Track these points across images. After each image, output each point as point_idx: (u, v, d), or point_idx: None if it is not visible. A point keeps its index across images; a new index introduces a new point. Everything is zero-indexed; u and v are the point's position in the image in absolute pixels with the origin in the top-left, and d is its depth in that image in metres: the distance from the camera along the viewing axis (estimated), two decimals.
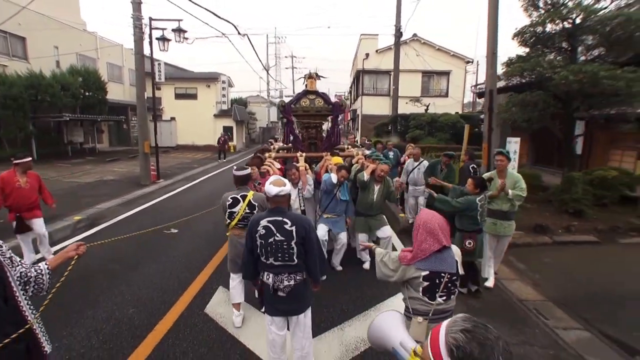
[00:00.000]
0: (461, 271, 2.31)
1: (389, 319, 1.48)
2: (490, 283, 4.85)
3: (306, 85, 6.35)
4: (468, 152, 7.05)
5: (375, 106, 24.23)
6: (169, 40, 12.68)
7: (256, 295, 3.91)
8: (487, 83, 7.15)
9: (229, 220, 3.74)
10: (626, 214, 7.29)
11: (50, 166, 15.05)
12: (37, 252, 5.39)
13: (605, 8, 7.35)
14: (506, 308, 4.33)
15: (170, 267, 5.32)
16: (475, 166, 6.13)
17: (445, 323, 1.01)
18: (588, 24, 7.09)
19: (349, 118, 33.95)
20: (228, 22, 12.65)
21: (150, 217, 8.03)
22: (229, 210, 3.71)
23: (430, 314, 2.21)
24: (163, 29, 12.58)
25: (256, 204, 3.69)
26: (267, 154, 5.82)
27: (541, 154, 12.56)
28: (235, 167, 3.95)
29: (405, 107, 19.32)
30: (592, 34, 7.21)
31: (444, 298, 2.23)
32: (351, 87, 34.01)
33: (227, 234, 3.86)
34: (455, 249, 2.36)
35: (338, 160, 5.58)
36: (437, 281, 2.20)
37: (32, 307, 1.92)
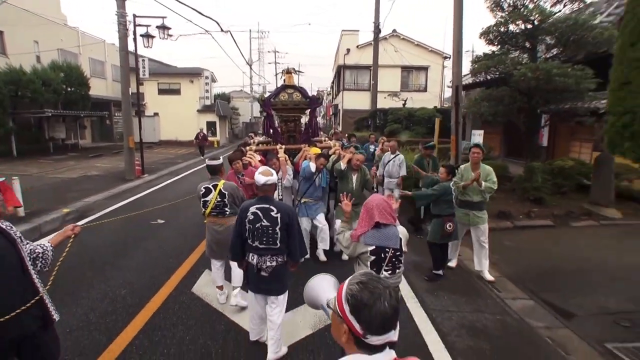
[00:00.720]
0: (405, 249, 2.70)
1: (321, 282, 1.70)
2: (453, 263, 5.34)
3: (284, 80, 6.63)
4: (423, 144, 7.53)
5: (356, 101, 24.58)
6: (153, 37, 12.70)
7: (233, 284, 4.27)
8: (454, 80, 7.67)
9: (203, 209, 4.00)
10: (580, 200, 7.95)
11: (32, 162, 14.96)
12: None
13: (560, 11, 7.94)
14: (466, 284, 4.84)
15: (159, 253, 5.66)
16: (433, 156, 6.71)
17: (348, 279, 1.16)
18: (544, 26, 7.64)
19: (331, 113, 34.25)
20: (211, 19, 12.88)
21: (137, 210, 8.25)
22: (202, 200, 3.97)
23: None
24: (147, 26, 12.59)
25: (226, 193, 3.94)
26: (247, 147, 6.11)
27: (512, 147, 13.20)
28: (208, 157, 4.23)
29: (385, 102, 19.81)
30: (549, 35, 7.78)
31: (390, 272, 2.58)
32: (333, 82, 34.32)
33: (205, 222, 4.15)
34: (402, 229, 2.73)
35: (316, 151, 5.81)
36: (382, 255, 2.57)
37: (41, 281, 2.24)
